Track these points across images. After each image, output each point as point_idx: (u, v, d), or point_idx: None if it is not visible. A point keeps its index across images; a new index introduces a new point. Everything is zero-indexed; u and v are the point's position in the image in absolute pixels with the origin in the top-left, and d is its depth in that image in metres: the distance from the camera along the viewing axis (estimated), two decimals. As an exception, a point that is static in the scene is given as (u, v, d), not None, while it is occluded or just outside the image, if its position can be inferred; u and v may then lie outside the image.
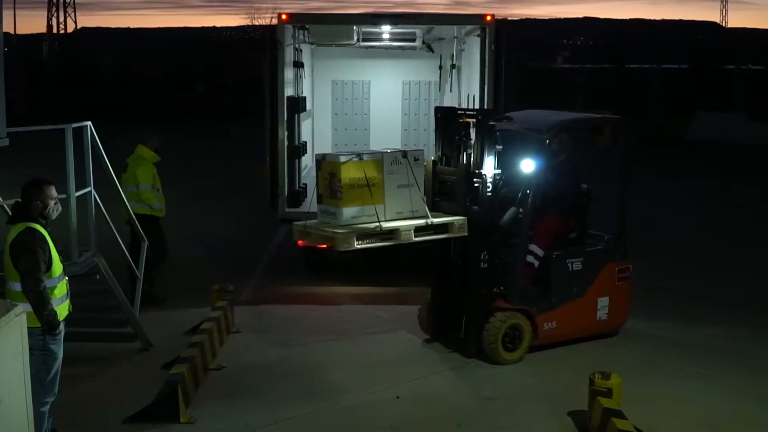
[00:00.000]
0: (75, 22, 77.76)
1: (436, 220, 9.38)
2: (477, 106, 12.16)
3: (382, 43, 14.83)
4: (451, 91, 15.15)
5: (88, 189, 8.56)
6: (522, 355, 9.65)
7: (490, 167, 9.59)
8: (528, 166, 9.82)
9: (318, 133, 15.94)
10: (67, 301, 7.35)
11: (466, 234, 9.48)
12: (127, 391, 8.72)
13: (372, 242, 9.05)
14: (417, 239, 9.23)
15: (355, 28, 13.31)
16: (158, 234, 11.53)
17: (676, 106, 37.79)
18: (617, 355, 9.95)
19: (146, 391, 8.38)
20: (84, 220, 8.75)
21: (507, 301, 9.70)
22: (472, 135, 9.70)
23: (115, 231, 9.45)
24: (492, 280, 9.71)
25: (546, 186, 9.82)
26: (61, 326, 7.16)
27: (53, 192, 7.24)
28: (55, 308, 7.04)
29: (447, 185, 9.92)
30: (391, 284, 12.36)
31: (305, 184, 13.34)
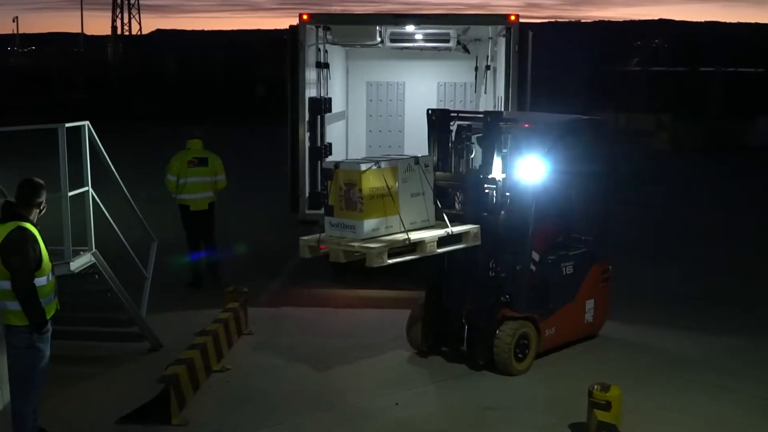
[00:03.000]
0: (139, 23, 79.06)
1: (455, 230, 9.00)
2: (502, 108, 11.93)
3: (415, 45, 14.65)
4: (485, 92, 14.92)
5: (85, 188, 8.53)
6: (530, 364, 9.41)
7: (498, 172, 9.35)
8: (536, 168, 9.45)
9: (352, 134, 15.84)
10: (55, 299, 7.33)
11: (479, 243, 9.15)
12: (129, 391, 8.64)
13: (400, 257, 8.55)
14: (440, 251, 8.84)
15: (378, 28, 13.14)
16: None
17: (744, 110, 36.94)
18: (623, 363, 9.74)
19: (149, 392, 8.29)
20: (83, 218, 8.74)
21: (513, 310, 9.40)
22: (472, 139, 9.53)
23: (117, 230, 9.43)
24: (497, 288, 9.41)
25: (545, 189, 9.57)
26: (48, 325, 7.14)
27: (43, 192, 7.25)
28: (43, 307, 7.03)
29: (443, 191, 9.49)
30: (411, 288, 12.16)
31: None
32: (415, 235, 8.63)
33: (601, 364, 9.61)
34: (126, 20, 61.75)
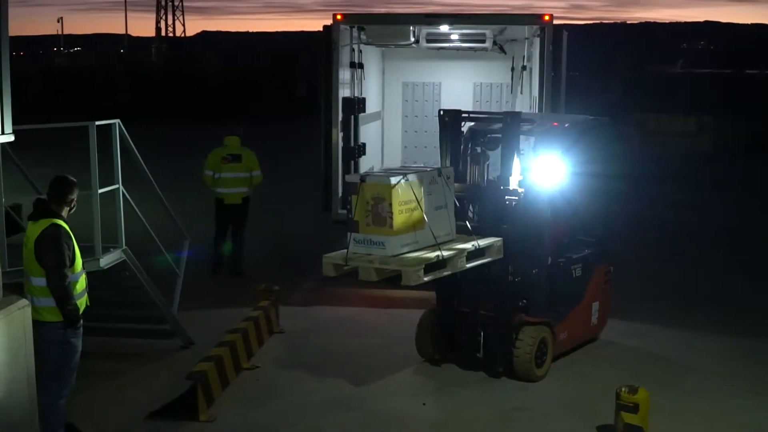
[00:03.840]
0: (183, 25, 79.72)
1: (481, 243, 8.76)
2: (536, 109, 11.86)
3: (451, 45, 14.61)
4: (521, 93, 14.84)
5: (116, 186, 8.62)
6: (548, 369, 9.26)
7: (516, 179, 9.10)
8: (554, 170, 9.18)
9: (388, 135, 15.84)
10: (86, 295, 7.42)
11: (502, 256, 8.92)
12: (160, 388, 8.72)
13: (433, 273, 8.22)
14: (468, 265, 8.58)
15: (411, 28, 13.13)
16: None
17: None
18: (650, 365, 9.67)
19: (178, 389, 8.37)
20: (114, 216, 8.84)
21: (530, 315, 9.18)
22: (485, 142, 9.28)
23: (148, 227, 9.50)
24: (515, 294, 9.19)
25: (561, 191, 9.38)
26: (80, 320, 7.23)
27: (75, 190, 7.34)
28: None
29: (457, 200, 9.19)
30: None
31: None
32: (445, 251, 8.39)
33: (627, 366, 9.55)
34: (170, 22, 62.40)
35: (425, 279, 8.07)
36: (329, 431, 8.04)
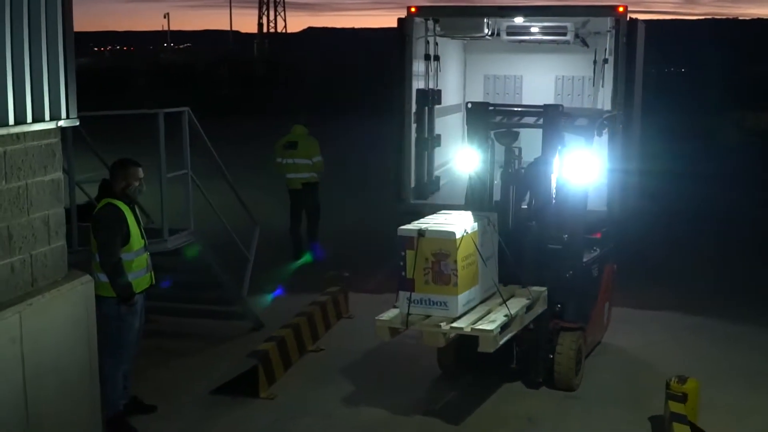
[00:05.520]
0: (285, 21, 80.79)
1: (534, 294, 8.19)
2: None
3: (532, 38, 14.62)
4: (603, 86, 14.77)
5: (184, 171, 8.99)
6: (582, 376, 8.77)
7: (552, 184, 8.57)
8: (587, 166, 8.65)
9: None
10: (148, 274, 7.76)
11: (546, 308, 8.40)
12: (228, 367, 8.99)
13: (505, 334, 7.57)
14: (527, 320, 8.05)
15: (486, 20, 13.20)
16: (318, 198, 13.88)
17: None
18: (708, 357, 9.59)
19: (244, 368, 8.64)
20: (185, 200, 9.22)
21: (565, 321, 8.66)
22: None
23: (218, 213, 9.85)
24: (551, 298, 8.54)
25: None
26: (138, 298, 7.58)
27: (138, 173, 7.68)
28: (131, 280, 7.47)
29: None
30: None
31: (438, 177, 13.37)
32: (512, 308, 7.77)
33: (680, 360, 9.43)
34: (272, 18, 63.44)
35: (500, 342, 7.46)
36: (383, 414, 8.20)
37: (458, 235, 7.49)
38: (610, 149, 11.95)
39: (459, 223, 7.79)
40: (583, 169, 8.58)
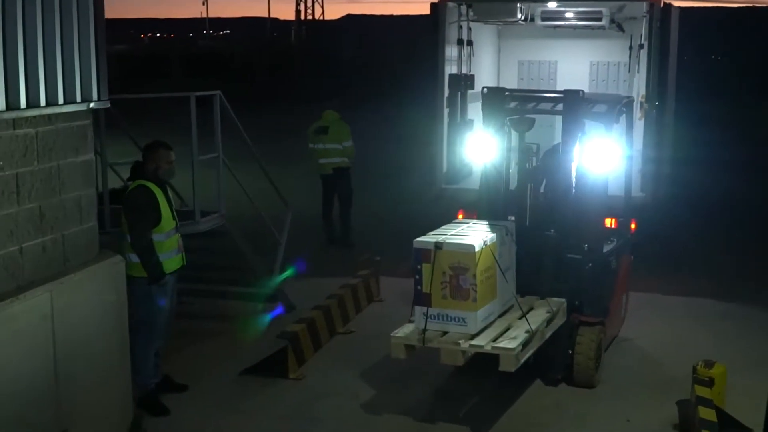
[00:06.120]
0: (322, 8, 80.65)
1: (553, 306, 7.99)
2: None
3: (567, 23, 14.55)
4: (638, 72, 14.67)
5: (215, 154, 9.08)
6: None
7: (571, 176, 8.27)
8: (610, 152, 8.35)
9: None
10: (179, 255, 7.86)
11: (565, 320, 8.18)
12: (259, 348, 9.11)
13: (526, 351, 7.33)
14: (548, 334, 7.83)
15: (519, 5, 13.16)
16: (350, 183, 13.89)
17: None
18: (735, 346, 9.50)
19: (274, 349, 8.77)
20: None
21: (584, 315, 8.36)
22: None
23: (249, 195, 9.94)
24: (570, 292, 8.31)
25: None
26: (169, 278, 7.69)
27: (169, 156, 7.78)
28: (161, 261, 7.58)
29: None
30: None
31: (470, 161, 13.35)
32: (533, 322, 7.53)
33: (713, 344, 9.42)
34: (309, 5, 63.51)
35: (521, 361, 7.23)
36: (411, 397, 8.26)
37: (477, 248, 7.22)
38: (645, 134, 11.93)
39: (477, 234, 7.53)
40: (604, 157, 8.27)
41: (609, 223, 9.60)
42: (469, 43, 13.44)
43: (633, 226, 10.79)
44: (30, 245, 6.15)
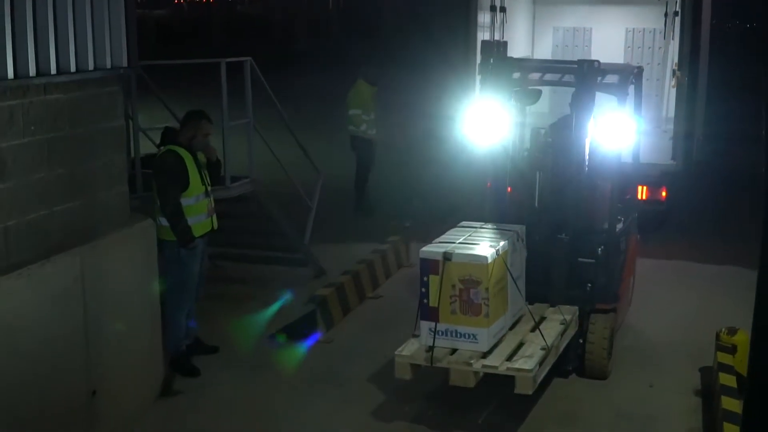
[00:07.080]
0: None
1: (566, 316, 7.52)
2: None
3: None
4: (673, 39, 14.55)
5: (246, 120, 9.18)
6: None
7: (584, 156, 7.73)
8: (624, 127, 7.90)
9: None
10: (209, 219, 7.98)
11: (577, 329, 7.74)
12: (288, 312, 9.28)
13: (542, 368, 6.88)
14: (563, 345, 7.43)
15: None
16: (371, 154, 13.44)
17: None
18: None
19: (304, 313, 8.94)
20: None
21: (598, 302, 7.85)
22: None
23: (279, 161, 10.04)
24: (581, 278, 7.84)
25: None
26: (198, 242, 7.82)
27: (208, 128, 7.93)
28: (191, 225, 7.72)
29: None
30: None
31: (502, 129, 13.35)
32: (547, 337, 7.07)
33: (739, 312, 9.14)
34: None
35: (539, 381, 6.80)
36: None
37: (490, 260, 6.73)
38: (677, 103, 11.88)
39: (487, 242, 7.08)
40: (618, 132, 7.81)
41: (640, 192, 9.50)
42: (503, 9, 13.38)
43: (663, 194, 10.77)
44: (60, 209, 6.28)
